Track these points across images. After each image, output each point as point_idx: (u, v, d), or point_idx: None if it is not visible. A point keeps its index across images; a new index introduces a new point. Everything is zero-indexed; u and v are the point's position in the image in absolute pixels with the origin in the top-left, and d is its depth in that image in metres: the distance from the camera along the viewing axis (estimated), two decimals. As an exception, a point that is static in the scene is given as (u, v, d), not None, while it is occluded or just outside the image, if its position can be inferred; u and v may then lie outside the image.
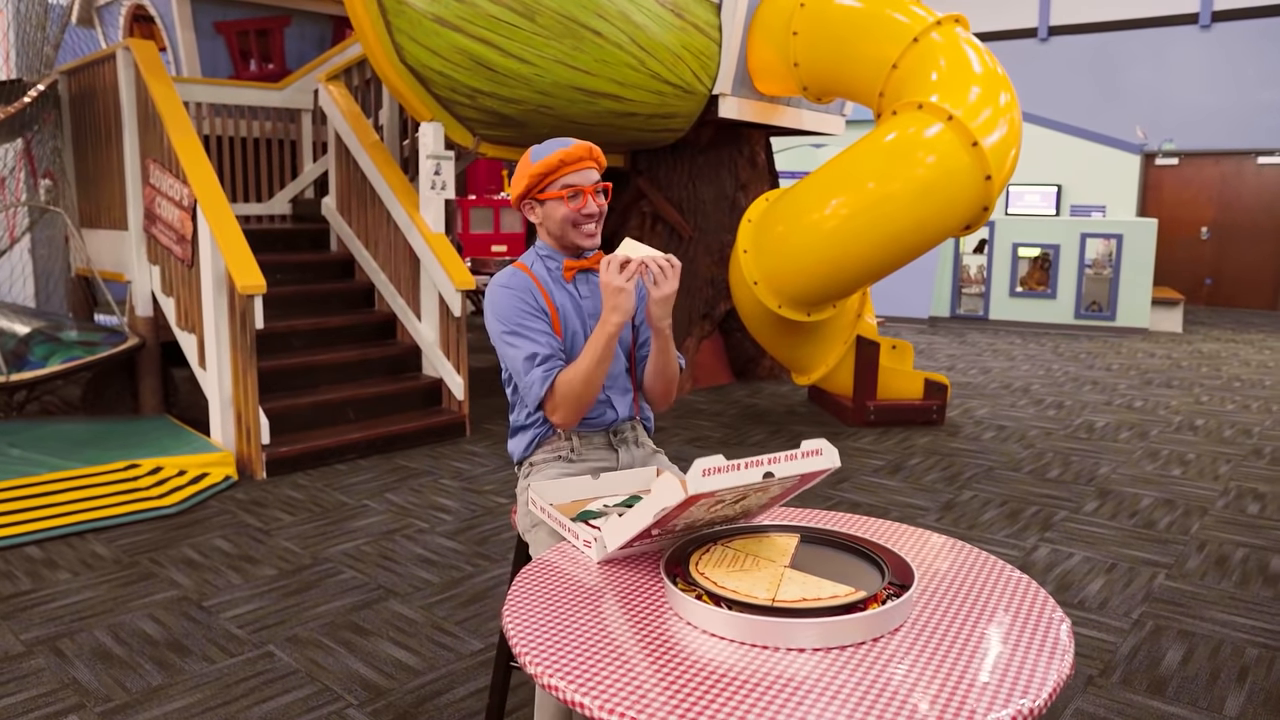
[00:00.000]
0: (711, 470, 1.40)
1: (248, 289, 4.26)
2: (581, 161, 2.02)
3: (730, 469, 1.42)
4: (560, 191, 2.02)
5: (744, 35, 5.64)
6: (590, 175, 2.04)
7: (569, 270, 2.11)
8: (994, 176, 4.56)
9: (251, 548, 3.54)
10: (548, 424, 2.12)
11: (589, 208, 2.05)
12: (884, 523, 1.83)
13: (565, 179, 2.02)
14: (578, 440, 2.13)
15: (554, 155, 2.00)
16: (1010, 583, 1.53)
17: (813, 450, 1.53)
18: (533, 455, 2.16)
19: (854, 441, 5.24)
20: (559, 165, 2.00)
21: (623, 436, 2.17)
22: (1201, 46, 12.07)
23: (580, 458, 2.13)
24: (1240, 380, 7.21)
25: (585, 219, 2.06)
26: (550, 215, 2.06)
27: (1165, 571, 3.40)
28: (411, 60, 4.81)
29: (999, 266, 10.00)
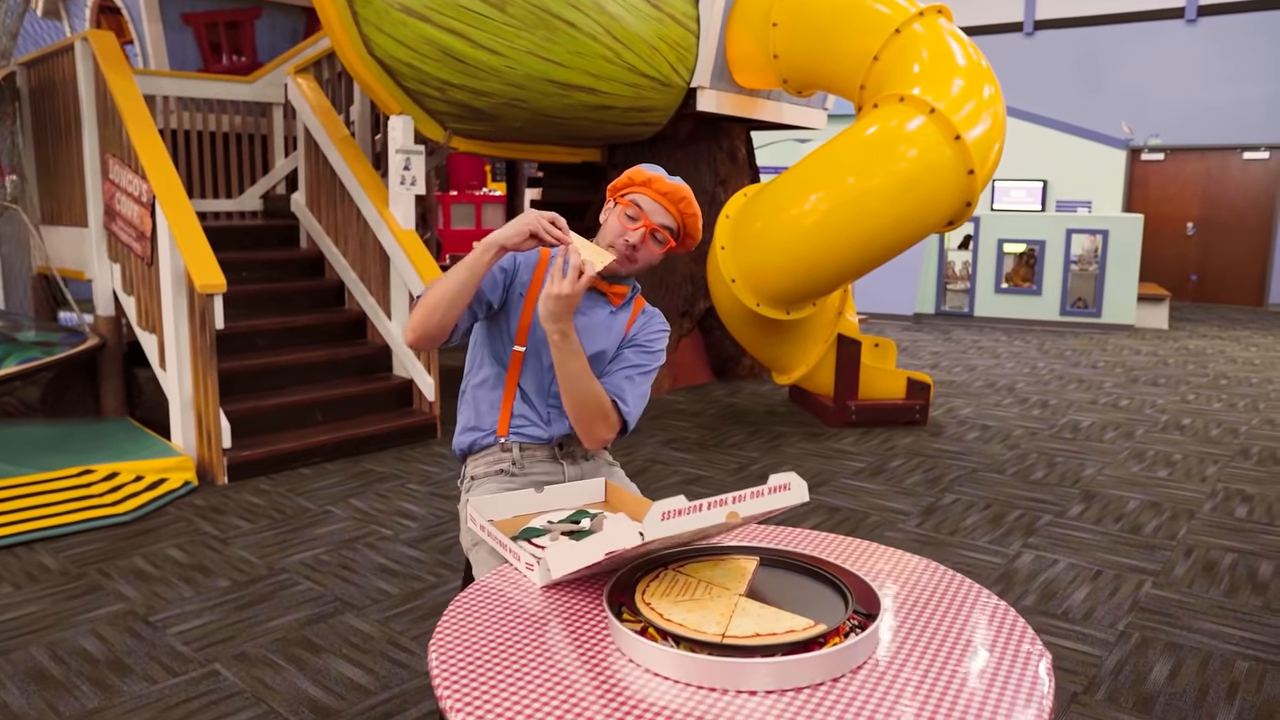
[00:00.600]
0: (671, 513, 1.27)
1: (207, 288, 4.12)
2: (665, 197, 1.92)
3: (691, 511, 1.29)
4: (625, 202, 1.94)
5: (722, 26, 5.50)
6: (662, 215, 1.93)
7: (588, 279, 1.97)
8: (977, 171, 4.45)
9: (206, 557, 3.39)
10: (492, 428, 2.00)
11: (633, 236, 1.92)
12: (853, 541, 1.71)
13: (638, 197, 1.94)
14: (519, 452, 2.00)
15: (649, 173, 1.94)
16: (987, 610, 1.42)
17: (780, 485, 1.40)
18: (474, 466, 2.04)
19: (835, 443, 5.13)
20: (644, 183, 1.93)
21: (569, 450, 2.04)
22: (1188, 41, 12.00)
23: (522, 471, 2.00)
24: (1227, 378, 7.13)
25: (626, 247, 1.93)
26: (608, 222, 1.98)
27: (1152, 579, 3.30)
28: (379, 52, 4.66)
29: (984, 263, 9.91)
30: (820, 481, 4.42)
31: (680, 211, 1.94)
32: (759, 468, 4.64)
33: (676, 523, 1.28)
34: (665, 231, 1.94)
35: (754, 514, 1.38)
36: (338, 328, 5.45)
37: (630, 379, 1.98)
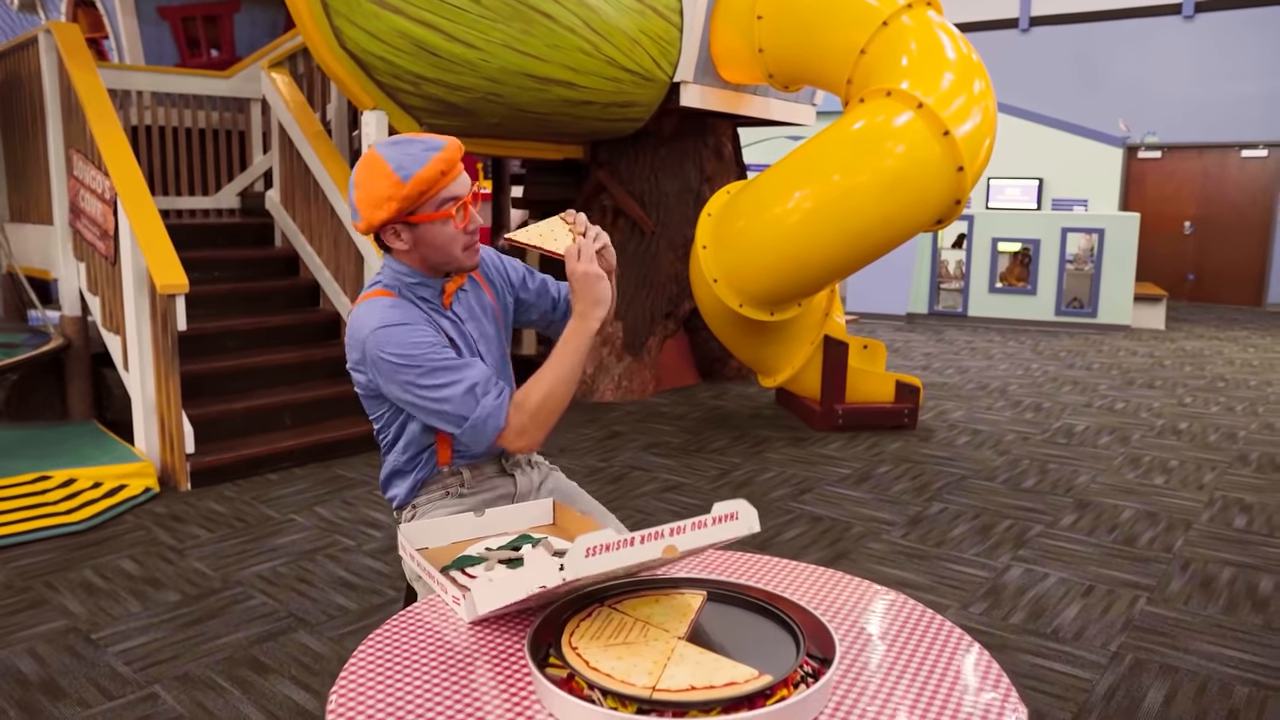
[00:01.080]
0: (597, 549, 1.13)
1: (168, 288, 3.97)
2: (457, 166, 1.67)
3: (620, 546, 1.15)
4: (442, 212, 1.65)
5: (706, 19, 5.36)
6: (466, 180, 1.70)
7: (450, 295, 1.79)
8: (966, 168, 4.31)
9: (159, 569, 3.25)
10: (431, 463, 1.85)
11: (474, 220, 1.71)
12: (813, 569, 1.57)
13: (445, 192, 1.65)
14: (469, 473, 1.86)
15: (432, 165, 1.60)
16: (959, 654, 1.27)
17: (726, 515, 1.26)
18: (416, 497, 1.89)
19: (820, 448, 4.99)
20: (439, 176, 1.62)
21: (515, 460, 1.90)
22: (1185, 37, 11.86)
23: (472, 491, 1.86)
24: (1224, 380, 6.99)
25: (468, 236, 1.71)
26: (429, 239, 1.68)
27: (1146, 595, 3.16)
28: (351, 45, 4.51)
29: (978, 262, 9.77)
30: (803, 489, 4.28)
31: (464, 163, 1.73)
32: (741, 474, 4.50)
33: (603, 559, 1.14)
34: (474, 190, 1.73)
35: (696, 547, 1.24)
36: (312, 328, 5.30)
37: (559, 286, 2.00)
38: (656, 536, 1.19)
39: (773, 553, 3.50)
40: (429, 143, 1.64)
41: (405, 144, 1.63)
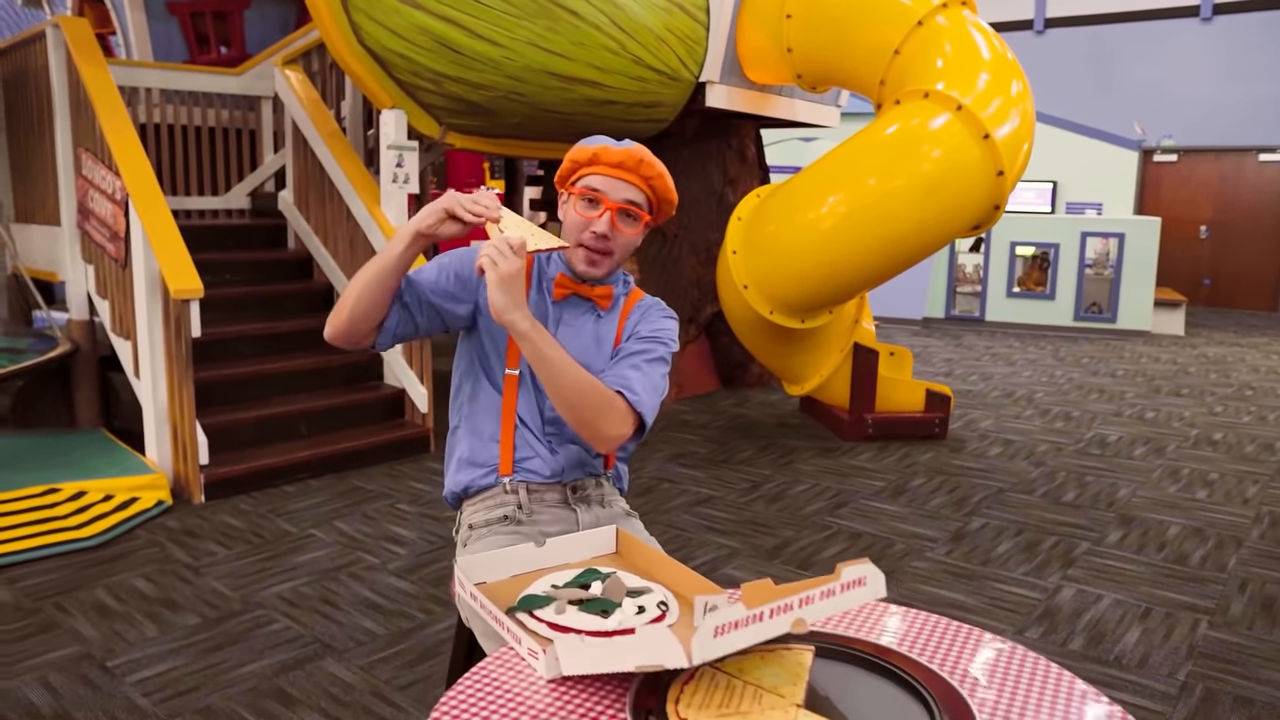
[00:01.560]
0: (725, 628, 0.99)
1: (182, 293, 3.83)
2: (619, 168, 1.64)
3: (750, 622, 1.01)
4: (579, 189, 1.66)
5: (733, 18, 5.22)
6: (624, 189, 1.65)
7: (560, 288, 1.72)
8: (1006, 172, 4.18)
9: (175, 589, 3.11)
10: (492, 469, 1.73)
11: (600, 225, 1.64)
12: (916, 614, 1.43)
13: (591, 179, 1.65)
14: (526, 494, 1.72)
15: (592, 146, 1.65)
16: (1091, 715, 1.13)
17: (854, 581, 1.12)
18: (471, 513, 1.75)
19: (851, 459, 4.85)
20: (590, 160, 1.65)
21: (584, 494, 1.76)
22: (1202, 40, 11.72)
23: (530, 519, 1.72)
24: (1252, 389, 6.86)
25: (591, 236, 1.65)
26: (567, 217, 1.71)
27: (1207, 619, 3.02)
28: (370, 41, 4.38)
29: (996, 266, 9.64)
30: (839, 503, 4.14)
31: (643, 177, 1.65)
32: (773, 486, 4.36)
33: (732, 639, 1.00)
34: (634, 207, 1.66)
35: (822, 617, 1.10)
36: (326, 333, 5.15)
37: (635, 366, 1.67)
38: (785, 609, 1.05)
39: (815, 571, 3.36)
40: (618, 141, 1.67)
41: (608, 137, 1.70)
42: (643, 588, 1.43)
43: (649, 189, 1.66)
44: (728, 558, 3.47)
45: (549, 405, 1.69)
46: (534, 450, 1.72)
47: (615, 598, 1.38)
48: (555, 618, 1.33)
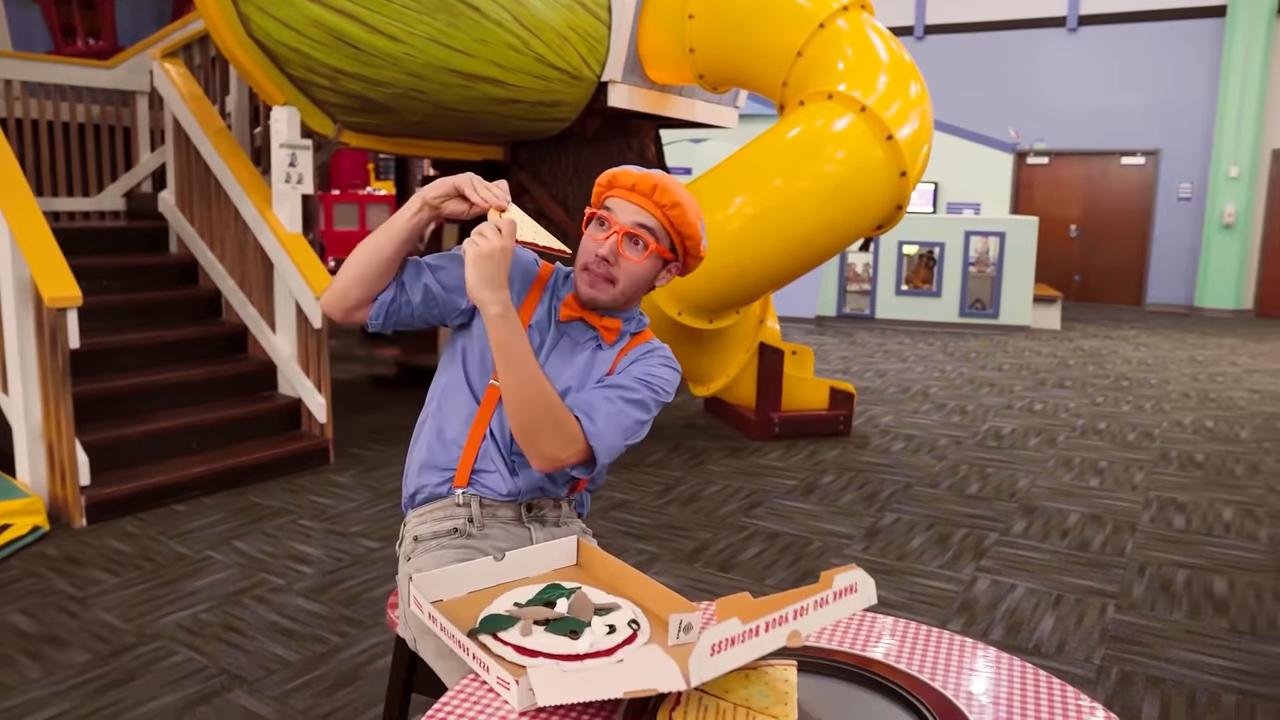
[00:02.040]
0: (723, 644, 0.93)
1: (58, 301, 3.55)
2: (632, 191, 1.57)
3: (747, 638, 0.96)
4: (594, 213, 1.62)
5: (635, 17, 5.18)
6: (634, 213, 1.57)
7: (567, 309, 1.64)
8: (909, 172, 4.27)
9: (59, 624, 2.87)
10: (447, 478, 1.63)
11: (604, 247, 1.56)
12: (892, 622, 1.41)
13: (606, 201, 1.61)
14: (478, 508, 1.63)
15: (611, 172, 1.62)
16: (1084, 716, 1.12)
17: (846, 588, 1.08)
18: (417, 524, 1.64)
19: (760, 458, 4.88)
20: (608, 184, 1.61)
21: (539, 514, 1.68)
22: (1069, 49, 12.33)
23: (480, 532, 1.63)
24: (1127, 379, 7.22)
25: (594, 258, 1.58)
26: (583, 242, 1.64)
27: (1114, 602, 3.14)
28: (260, 35, 4.16)
29: (884, 265, 9.90)
30: (753, 503, 4.15)
31: (657, 204, 1.55)
32: (685, 488, 4.34)
33: (729, 656, 0.95)
34: (644, 232, 1.55)
35: (817, 629, 1.06)
36: (215, 342, 4.89)
37: (609, 399, 1.56)
38: (780, 622, 1.00)
39: (737, 574, 3.35)
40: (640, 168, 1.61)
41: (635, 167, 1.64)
42: (610, 604, 1.36)
43: (664, 218, 1.56)
44: (648, 563, 3.42)
45: None
46: (494, 465, 1.63)
47: (583, 616, 1.31)
48: (521, 640, 1.25)
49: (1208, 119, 11.66)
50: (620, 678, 0.99)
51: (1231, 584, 3.32)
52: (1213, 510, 4.12)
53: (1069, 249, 12.59)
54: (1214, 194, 11.55)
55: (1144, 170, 12.14)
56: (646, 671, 0.97)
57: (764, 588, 3.20)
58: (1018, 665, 1.29)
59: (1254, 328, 10.61)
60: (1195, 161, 11.80)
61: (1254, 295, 11.65)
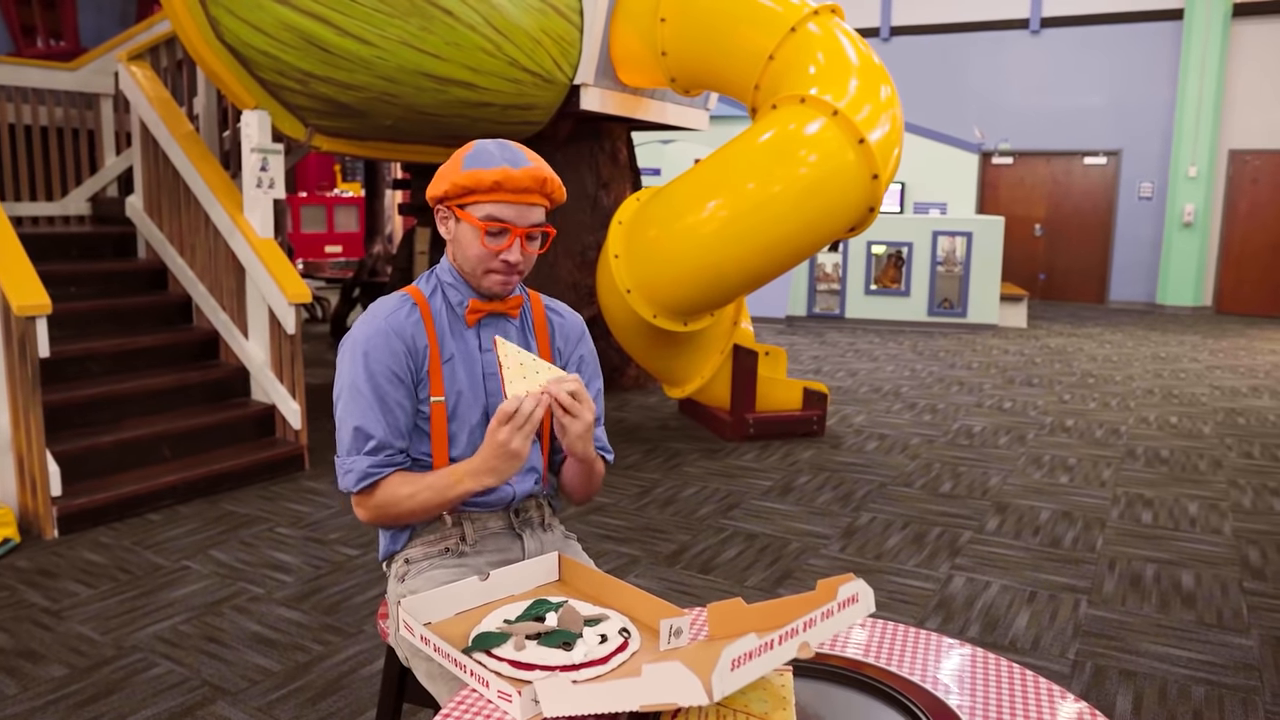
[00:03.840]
0: (742, 659, 0.95)
1: (27, 309, 3.50)
2: (526, 194, 1.53)
3: (763, 651, 0.97)
4: (482, 221, 1.54)
5: (607, 21, 5.20)
6: (530, 213, 1.56)
7: (473, 314, 1.63)
8: (880, 175, 4.31)
9: (34, 638, 2.83)
10: None
11: (512, 254, 1.56)
12: (885, 626, 1.43)
13: (494, 208, 1.53)
14: (470, 527, 1.63)
15: (492, 172, 1.51)
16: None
17: (849, 599, 1.10)
18: (409, 549, 1.65)
19: (736, 459, 4.91)
20: (491, 188, 1.52)
21: (526, 517, 1.69)
22: (1032, 50, 12.50)
23: (475, 549, 1.63)
24: (1093, 376, 7.34)
25: (503, 265, 1.57)
26: (462, 239, 1.58)
27: (1086, 598, 3.20)
28: (230, 38, 4.13)
29: (854, 264, 9.99)
30: (730, 504, 4.18)
31: (546, 194, 1.57)
32: (663, 490, 4.36)
33: (748, 669, 0.97)
34: (540, 228, 1.59)
35: (825, 639, 1.08)
36: (185, 348, 4.84)
37: (599, 421, 1.72)
38: (791, 635, 1.02)
39: (717, 575, 3.37)
40: (515, 156, 1.55)
41: (503, 147, 1.57)
42: (598, 615, 1.38)
43: (551, 203, 1.60)
44: (629, 566, 3.43)
45: None
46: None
47: (574, 628, 1.33)
48: (516, 655, 1.26)
49: (1167, 120, 11.88)
50: (637, 691, 1.01)
51: (1198, 577, 3.40)
52: (1178, 505, 4.21)
53: (1034, 248, 12.77)
54: (1174, 193, 11.77)
55: (1106, 170, 12.34)
56: (666, 685, 0.99)
57: (744, 589, 3.23)
58: (992, 660, 1.31)
59: (1213, 324, 10.83)
60: (1155, 162, 12.02)
61: (1213, 292, 11.89)
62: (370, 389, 1.55)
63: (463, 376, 1.62)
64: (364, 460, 1.55)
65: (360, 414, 1.55)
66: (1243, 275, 11.73)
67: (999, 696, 1.22)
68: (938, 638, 1.39)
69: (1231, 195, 11.69)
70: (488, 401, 1.64)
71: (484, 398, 1.64)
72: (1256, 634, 2.95)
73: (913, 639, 1.39)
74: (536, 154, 1.58)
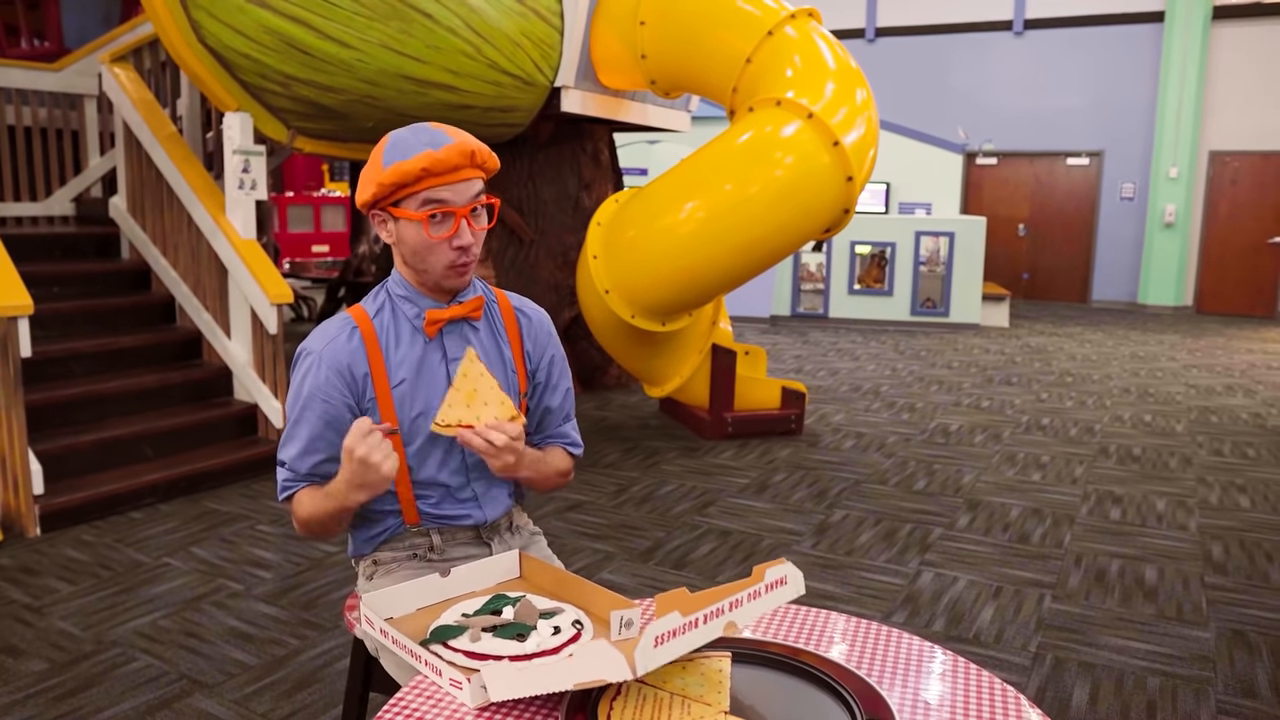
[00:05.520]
0: (665, 636, 1.01)
1: (9, 309, 3.54)
2: (457, 171, 1.46)
3: (687, 630, 1.04)
4: (420, 212, 1.47)
5: (587, 24, 5.25)
6: (468, 189, 1.48)
7: (432, 325, 1.58)
8: (855, 177, 4.37)
9: (15, 633, 2.88)
10: (397, 519, 1.66)
11: (462, 237, 1.49)
12: (823, 614, 1.49)
13: (430, 193, 1.46)
14: (438, 538, 1.68)
15: (415, 160, 1.43)
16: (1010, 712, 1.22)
17: (777, 580, 1.16)
18: (378, 551, 1.70)
19: (714, 457, 4.97)
20: (420, 176, 1.44)
21: (495, 526, 1.74)
22: (1016, 52, 12.60)
23: (443, 556, 1.68)
24: (1071, 375, 7.43)
25: (455, 252, 1.50)
26: (405, 238, 1.51)
27: (1050, 593, 3.27)
28: (212, 41, 4.17)
29: (837, 264, 10.07)
30: (706, 502, 4.24)
31: (479, 165, 1.49)
32: (640, 488, 4.42)
33: (672, 646, 1.03)
34: (481, 201, 1.51)
35: (752, 619, 1.14)
36: (168, 348, 4.87)
37: (568, 416, 1.81)
38: (717, 614, 1.08)
39: (690, 571, 3.43)
40: (434, 136, 1.47)
41: (417, 131, 1.49)
42: (554, 608, 1.43)
43: (484, 172, 1.52)
44: (603, 562, 3.49)
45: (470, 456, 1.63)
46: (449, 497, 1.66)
47: (529, 621, 1.38)
48: (471, 646, 1.31)
49: (1148, 121, 12.00)
50: (569, 671, 1.07)
51: (1161, 572, 3.47)
52: (1147, 502, 4.29)
53: (1017, 248, 12.88)
54: (1155, 194, 11.89)
55: (1088, 171, 12.45)
56: (594, 663, 1.05)
57: (715, 584, 3.29)
58: (951, 658, 1.37)
59: (1193, 324, 10.94)
60: (1137, 162, 12.14)
61: (1193, 292, 12.01)
62: (297, 411, 1.56)
63: (422, 397, 1.58)
64: (281, 474, 1.60)
65: (288, 432, 1.58)
66: (1223, 275, 11.86)
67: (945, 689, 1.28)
68: (879, 628, 1.45)
69: (1212, 196, 11.81)
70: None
71: None
72: (1214, 627, 3.03)
73: (875, 635, 1.45)
74: (456, 128, 1.52)
